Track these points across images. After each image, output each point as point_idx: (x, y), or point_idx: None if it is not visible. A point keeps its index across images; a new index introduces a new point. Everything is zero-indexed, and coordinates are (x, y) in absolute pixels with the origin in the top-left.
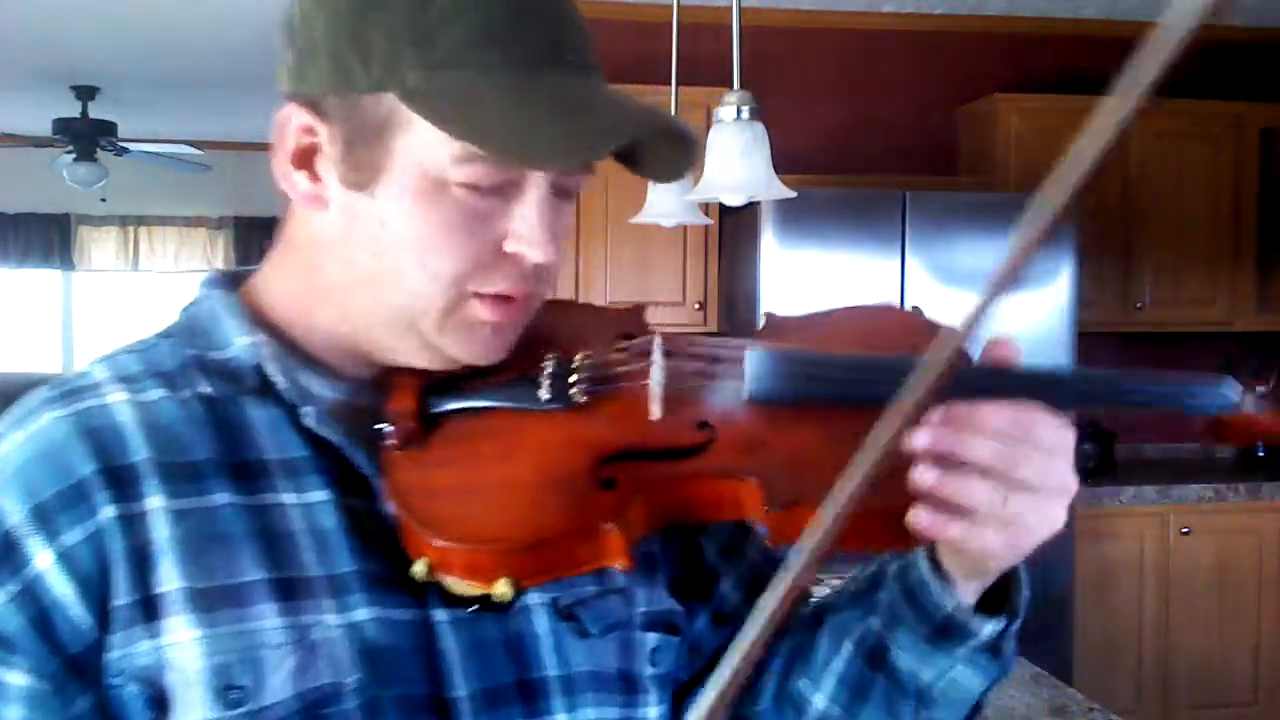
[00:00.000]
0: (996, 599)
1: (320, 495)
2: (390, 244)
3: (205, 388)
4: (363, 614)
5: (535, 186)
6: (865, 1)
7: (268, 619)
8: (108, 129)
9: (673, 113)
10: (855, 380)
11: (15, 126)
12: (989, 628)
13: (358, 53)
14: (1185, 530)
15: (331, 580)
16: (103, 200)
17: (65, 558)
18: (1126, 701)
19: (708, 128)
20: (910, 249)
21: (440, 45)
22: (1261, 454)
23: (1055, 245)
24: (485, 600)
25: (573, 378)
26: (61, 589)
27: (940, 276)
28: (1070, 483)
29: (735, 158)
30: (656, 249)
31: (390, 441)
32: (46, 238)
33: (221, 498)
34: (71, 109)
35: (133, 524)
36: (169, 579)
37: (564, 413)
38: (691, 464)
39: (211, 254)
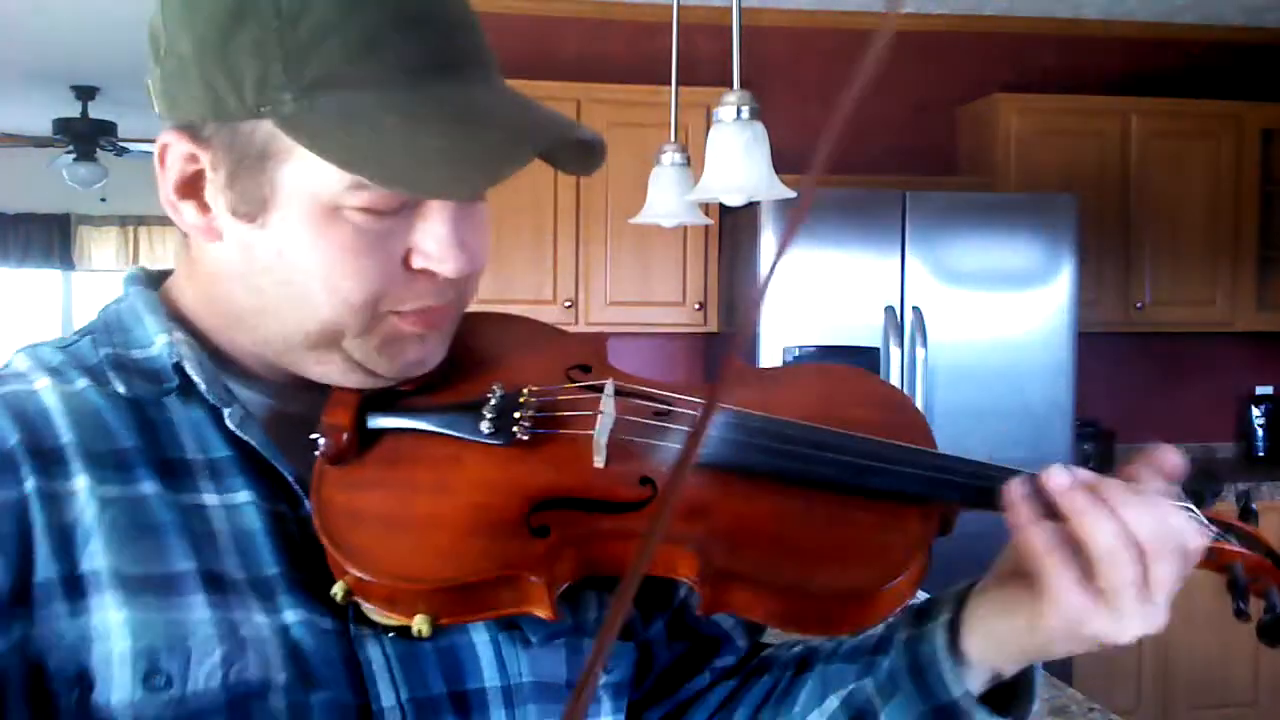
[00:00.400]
0: (1002, 698)
1: (244, 496)
2: (291, 274)
3: (122, 389)
4: (290, 616)
5: (439, 202)
6: (865, 1)
7: (196, 610)
8: (108, 129)
9: (672, 113)
10: (809, 457)
11: (15, 126)
12: None
13: (227, 76)
14: None
15: (255, 583)
16: (103, 200)
17: None
18: (1126, 701)
19: (708, 128)
20: (910, 249)
21: (315, 63)
22: (1261, 454)
23: (1055, 245)
24: (403, 630)
25: (518, 413)
26: None
27: (940, 276)
28: (1161, 614)
29: (735, 158)
30: (656, 249)
31: (321, 454)
32: (46, 238)
33: (149, 487)
34: (71, 109)
35: (57, 501)
36: (95, 558)
37: (504, 449)
38: (628, 520)
39: None
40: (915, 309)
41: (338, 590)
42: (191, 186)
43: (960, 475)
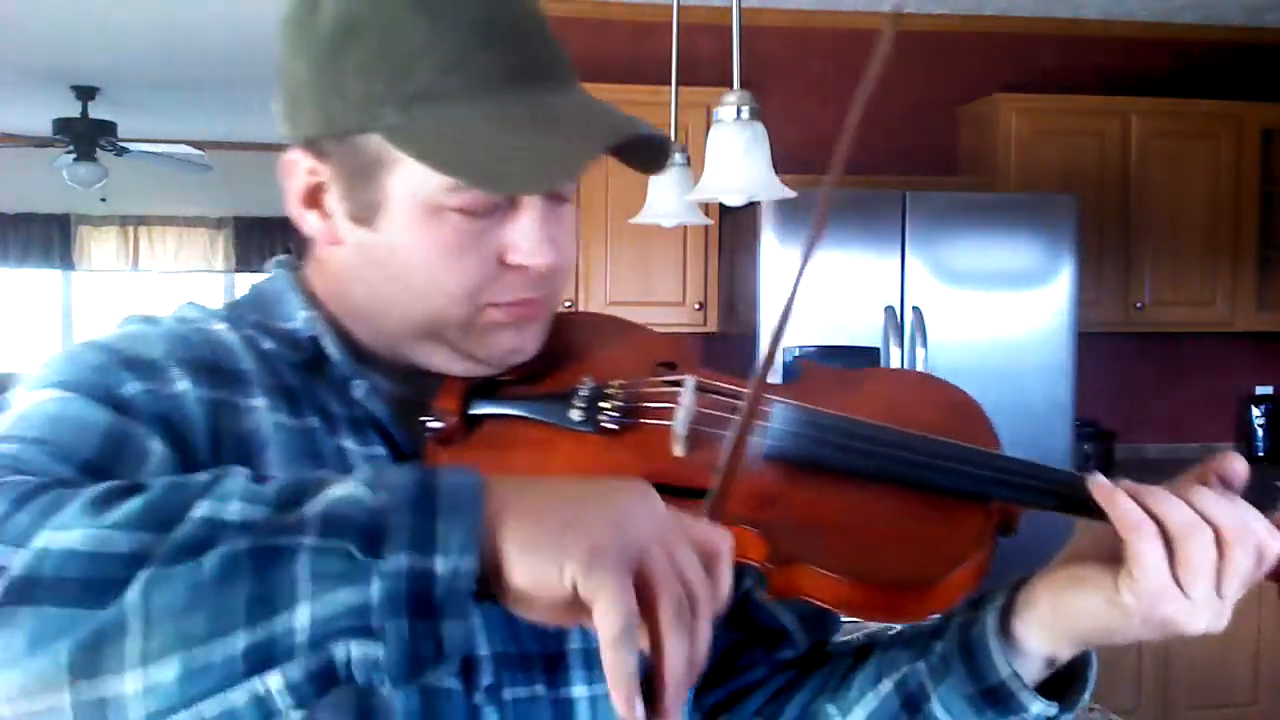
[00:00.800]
0: (1054, 689)
1: (379, 450)
2: (401, 270)
3: (274, 346)
4: None
5: (528, 201)
6: (865, 1)
7: None
8: (108, 129)
9: (672, 113)
10: (877, 454)
11: (15, 126)
12: (1037, 707)
13: (337, 96)
14: None
15: None
16: (103, 200)
17: (198, 397)
18: (1126, 701)
19: (708, 128)
20: (910, 249)
21: (412, 78)
22: (1261, 454)
23: (1055, 245)
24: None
25: (604, 404)
26: (195, 412)
27: (940, 276)
28: (1226, 611)
29: (735, 158)
30: (656, 249)
31: (431, 436)
32: (46, 238)
33: (313, 422)
34: (71, 109)
35: (239, 412)
36: (270, 467)
37: (592, 436)
38: (702, 505)
39: (211, 254)
40: (915, 309)
41: None
42: (313, 197)
43: (1019, 475)
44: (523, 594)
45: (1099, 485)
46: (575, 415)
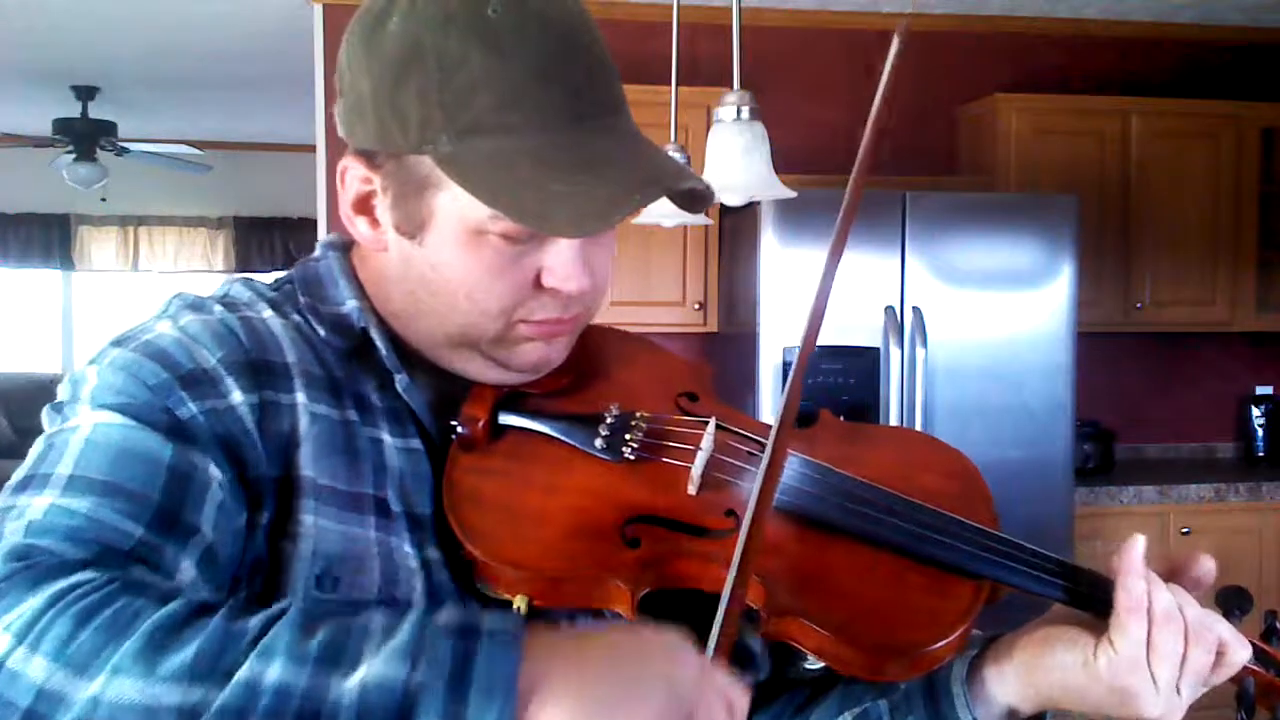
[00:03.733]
0: None
1: (416, 444)
2: (442, 285)
3: (323, 333)
4: (433, 554)
5: None
6: (865, 1)
7: (368, 529)
8: (108, 129)
9: (672, 113)
10: (883, 521)
11: (15, 126)
12: None
13: (395, 118)
14: (1185, 530)
15: (411, 517)
16: (103, 200)
17: (248, 404)
18: None
19: (708, 128)
20: (910, 249)
21: (469, 111)
22: (1261, 454)
23: (1055, 245)
24: (505, 604)
25: (629, 434)
26: (250, 424)
27: (940, 276)
28: (1180, 707)
29: (735, 158)
30: (656, 249)
31: (456, 440)
32: (46, 238)
33: (351, 414)
34: (71, 109)
35: (280, 410)
36: (303, 465)
37: (612, 464)
38: (709, 545)
39: (211, 254)
40: (915, 309)
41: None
42: (364, 204)
43: (1017, 562)
44: None
45: (1129, 554)
46: (599, 443)
